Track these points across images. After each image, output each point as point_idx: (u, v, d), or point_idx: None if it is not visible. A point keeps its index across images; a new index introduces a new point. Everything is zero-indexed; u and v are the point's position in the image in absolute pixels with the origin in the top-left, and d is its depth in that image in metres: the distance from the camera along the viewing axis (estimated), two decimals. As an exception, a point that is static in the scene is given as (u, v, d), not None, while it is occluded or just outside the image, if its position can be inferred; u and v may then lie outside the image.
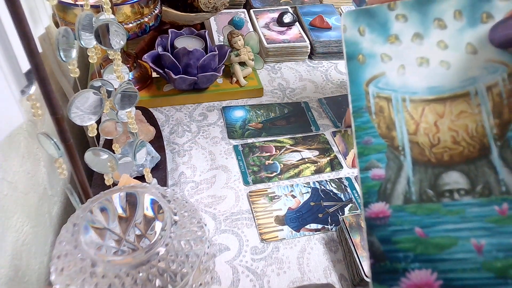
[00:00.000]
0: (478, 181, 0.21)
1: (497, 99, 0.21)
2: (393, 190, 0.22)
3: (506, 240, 0.20)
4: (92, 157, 0.44)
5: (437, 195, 0.21)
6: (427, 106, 0.22)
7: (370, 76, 0.24)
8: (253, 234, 0.57)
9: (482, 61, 0.22)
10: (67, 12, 0.66)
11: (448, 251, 0.20)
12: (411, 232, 0.21)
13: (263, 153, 0.69)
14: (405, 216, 0.21)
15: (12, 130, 0.47)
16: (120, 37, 0.42)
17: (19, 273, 0.46)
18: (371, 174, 0.22)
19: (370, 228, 0.22)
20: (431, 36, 0.23)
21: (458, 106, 0.22)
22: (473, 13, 0.22)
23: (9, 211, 0.45)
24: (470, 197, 0.21)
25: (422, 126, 0.22)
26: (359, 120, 0.23)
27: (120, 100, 0.44)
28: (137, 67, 0.77)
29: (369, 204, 0.22)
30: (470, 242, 0.20)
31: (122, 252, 0.36)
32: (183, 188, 0.63)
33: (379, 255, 0.21)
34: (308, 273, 0.53)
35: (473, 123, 0.21)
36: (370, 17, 0.24)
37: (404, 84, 0.23)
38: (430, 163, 0.22)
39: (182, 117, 0.75)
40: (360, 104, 0.23)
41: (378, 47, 0.24)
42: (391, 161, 0.22)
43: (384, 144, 0.23)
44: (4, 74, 0.37)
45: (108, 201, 0.36)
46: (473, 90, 0.22)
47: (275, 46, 0.88)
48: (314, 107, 0.79)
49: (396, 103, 0.23)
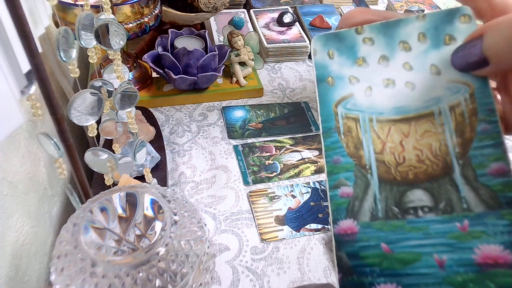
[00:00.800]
0: (441, 199, 0.21)
1: (459, 119, 0.22)
2: (360, 207, 0.22)
3: (467, 255, 0.20)
4: (92, 157, 0.44)
5: (402, 212, 0.22)
6: (393, 126, 0.23)
7: (339, 98, 0.24)
8: (253, 234, 0.57)
9: (445, 82, 0.22)
10: (67, 12, 0.66)
11: (412, 266, 0.21)
12: (378, 248, 0.22)
13: (263, 153, 0.69)
14: (372, 232, 0.22)
15: (12, 130, 0.47)
16: (120, 37, 0.42)
17: (19, 273, 0.46)
18: (339, 192, 0.23)
19: (339, 244, 0.22)
20: (396, 58, 0.23)
21: (423, 126, 0.22)
22: (437, 35, 0.23)
23: (9, 211, 0.45)
24: (433, 214, 0.21)
25: (388, 146, 0.23)
26: (328, 140, 0.24)
27: (120, 100, 0.44)
28: (137, 67, 0.77)
29: (338, 221, 0.23)
30: (433, 257, 0.21)
31: (122, 252, 0.36)
32: (183, 188, 0.63)
33: (347, 269, 0.22)
34: (308, 273, 0.53)
35: (437, 142, 0.22)
36: (338, 41, 0.25)
37: (371, 104, 0.23)
38: (396, 181, 0.22)
39: (182, 117, 0.75)
40: (330, 124, 0.24)
41: (346, 70, 0.24)
42: (359, 179, 0.23)
43: (352, 163, 0.23)
44: (4, 74, 0.37)
45: (108, 201, 0.36)
46: (436, 110, 0.22)
47: (275, 46, 0.88)
48: (314, 107, 0.79)
49: (364, 123, 0.23)
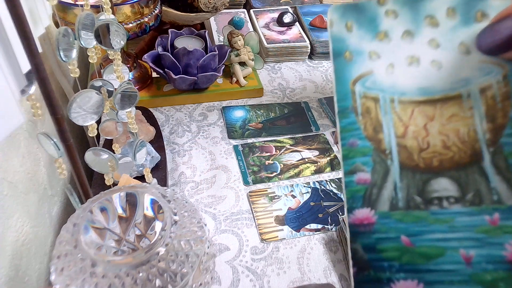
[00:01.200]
0: (469, 189, 0.20)
1: (491, 102, 0.20)
2: (379, 196, 0.21)
3: (497, 252, 0.19)
4: (92, 157, 0.44)
5: (425, 202, 0.20)
6: (416, 108, 0.21)
7: (357, 75, 0.23)
8: (253, 234, 0.57)
9: (475, 62, 0.21)
10: (67, 12, 0.66)
11: (435, 262, 0.19)
12: (397, 241, 0.20)
13: (263, 153, 0.69)
14: (391, 223, 0.20)
15: (12, 130, 0.47)
16: (120, 37, 0.42)
17: (19, 273, 0.46)
18: (356, 178, 0.21)
19: (354, 235, 0.21)
20: (422, 34, 0.22)
21: (449, 109, 0.21)
22: (467, 11, 0.21)
23: (9, 211, 0.45)
24: (460, 205, 0.20)
25: (411, 129, 0.21)
26: (344, 120, 0.22)
27: (120, 100, 0.44)
28: (137, 67, 0.77)
29: (354, 209, 0.21)
30: (459, 252, 0.19)
31: (122, 252, 0.36)
32: (183, 188, 0.63)
33: (363, 263, 0.20)
34: (308, 273, 0.53)
35: (465, 127, 0.20)
36: (358, 13, 0.23)
37: (392, 84, 0.22)
38: (419, 168, 0.21)
39: (182, 117, 0.75)
40: (346, 104, 0.22)
41: (366, 44, 0.23)
42: (377, 165, 0.21)
43: (370, 147, 0.22)
44: (4, 74, 0.37)
45: (108, 201, 0.36)
46: (465, 92, 0.21)
47: (275, 46, 0.88)
48: (314, 107, 0.79)
49: (384, 103, 0.22)
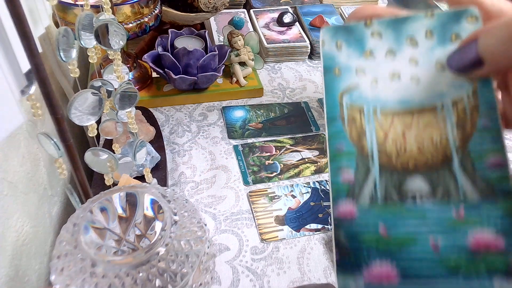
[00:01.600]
0: (439, 187, 0.22)
1: (461, 114, 0.23)
2: (360, 192, 0.24)
3: (460, 240, 0.22)
4: (92, 157, 0.44)
5: (401, 198, 0.23)
6: (396, 117, 0.24)
7: (345, 88, 0.25)
8: (253, 234, 0.57)
9: (449, 78, 0.23)
10: (67, 12, 0.66)
11: (408, 249, 0.22)
12: (375, 231, 0.23)
13: (263, 153, 0.69)
14: (370, 216, 0.23)
15: (12, 130, 0.47)
16: (120, 37, 0.42)
17: (19, 273, 0.46)
18: (341, 178, 0.24)
19: (338, 226, 0.23)
20: (403, 52, 0.24)
21: (425, 119, 0.23)
22: (443, 33, 0.24)
23: (9, 211, 0.45)
24: (431, 201, 0.22)
25: (391, 136, 0.24)
26: (332, 128, 0.25)
27: (120, 100, 0.44)
28: (137, 67, 0.77)
29: (338, 204, 0.24)
30: (428, 241, 0.22)
31: (122, 252, 0.36)
32: (183, 188, 0.63)
33: (345, 250, 0.23)
34: (308, 273, 0.53)
35: (438, 135, 0.23)
36: (347, 33, 0.26)
37: (376, 96, 0.24)
38: (396, 169, 0.23)
39: (182, 117, 0.75)
40: (335, 113, 0.25)
41: (353, 61, 0.25)
42: (360, 167, 0.24)
43: (354, 151, 0.24)
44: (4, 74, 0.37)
45: (108, 201, 0.36)
46: (440, 105, 0.23)
47: (275, 46, 0.88)
48: (314, 107, 0.79)
49: (368, 113, 0.24)
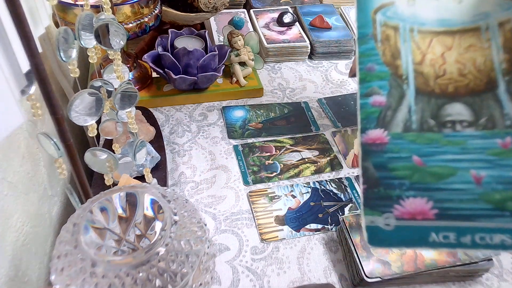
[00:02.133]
0: (482, 114, 0.21)
1: (508, 35, 0.21)
2: (393, 118, 0.22)
3: (507, 173, 0.20)
4: (92, 157, 0.44)
5: (438, 125, 0.21)
6: (435, 37, 0.22)
7: (379, 5, 0.23)
8: (253, 234, 0.57)
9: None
10: (67, 12, 0.66)
11: (446, 181, 0.20)
12: (409, 160, 0.21)
13: (263, 153, 0.69)
14: (404, 144, 0.21)
15: (12, 130, 0.47)
16: (120, 37, 0.42)
17: (19, 273, 0.46)
18: (371, 101, 0.22)
19: (366, 154, 0.21)
20: None
21: (468, 40, 0.22)
22: None
23: (9, 211, 0.45)
24: (472, 129, 0.21)
25: (429, 57, 0.22)
26: (363, 46, 0.23)
27: (120, 100, 0.44)
28: (137, 67, 0.77)
29: (367, 130, 0.22)
30: (470, 173, 0.20)
31: (122, 252, 0.36)
32: (183, 188, 0.63)
33: (373, 181, 0.21)
34: (308, 273, 0.53)
35: (482, 57, 0.21)
36: None
37: (413, 14, 0.23)
38: (434, 93, 0.21)
39: (182, 117, 0.75)
40: (366, 31, 0.23)
41: None
42: (393, 89, 0.22)
43: (387, 72, 0.22)
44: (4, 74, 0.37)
45: (108, 201, 0.36)
46: (484, 25, 0.21)
47: (275, 46, 0.88)
48: (314, 107, 0.79)
49: (404, 32, 0.23)
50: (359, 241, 0.51)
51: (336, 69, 0.90)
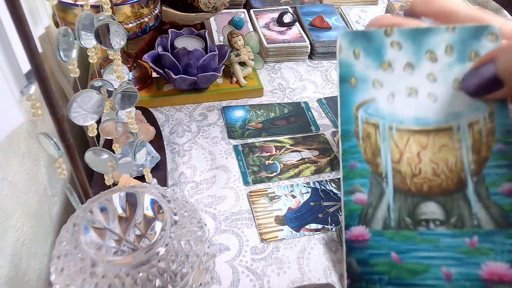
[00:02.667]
0: (453, 213, 0.22)
1: (477, 136, 0.22)
2: (373, 215, 0.22)
3: (473, 270, 0.21)
4: (92, 157, 0.44)
5: (414, 223, 0.22)
6: (412, 136, 0.23)
7: (361, 101, 0.24)
8: (253, 234, 0.57)
9: (466, 98, 0.22)
10: (67, 12, 0.66)
11: (420, 277, 0.21)
12: (388, 257, 0.22)
13: (263, 153, 0.69)
14: (383, 241, 0.22)
15: (12, 130, 0.47)
16: (120, 37, 0.42)
17: (19, 273, 0.46)
18: (354, 198, 0.23)
19: (350, 250, 0.22)
20: (422, 67, 0.23)
21: (441, 140, 0.22)
22: (463, 50, 0.23)
23: (9, 211, 0.45)
24: (444, 227, 0.22)
25: (406, 156, 0.23)
26: (346, 143, 0.24)
27: (120, 100, 0.44)
28: (137, 67, 0.77)
29: (350, 226, 0.22)
30: (441, 270, 0.21)
31: (122, 252, 0.36)
32: (183, 188, 0.63)
33: (356, 276, 0.22)
34: (308, 273, 0.53)
35: (453, 157, 0.22)
36: (366, 41, 0.24)
37: (392, 112, 0.23)
38: (410, 192, 0.22)
39: (182, 117, 0.75)
40: (349, 128, 0.24)
41: (371, 72, 0.24)
42: (374, 187, 0.23)
43: (368, 170, 0.23)
44: (4, 74, 0.37)
45: (108, 201, 0.36)
46: (456, 125, 0.22)
47: (275, 46, 0.88)
48: (314, 107, 0.79)
49: (383, 130, 0.23)
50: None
51: (336, 69, 0.89)
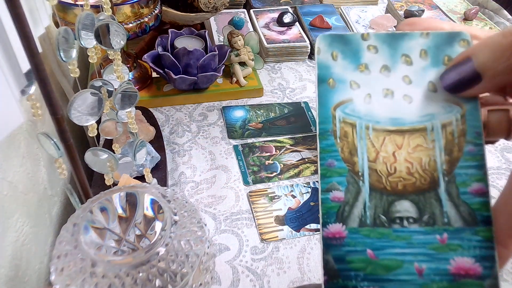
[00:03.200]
0: (425, 211, 0.22)
1: (449, 137, 0.23)
2: (350, 213, 0.23)
3: (443, 265, 0.22)
4: (92, 157, 0.44)
5: (389, 221, 0.23)
6: (387, 136, 0.24)
7: (338, 101, 0.25)
8: (253, 234, 0.57)
9: (440, 100, 0.23)
10: (67, 12, 0.66)
11: (394, 273, 0.22)
12: (363, 254, 0.22)
13: (263, 153, 0.69)
14: (359, 238, 0.23)
15: (12, 130, 0.47)
16: (120, 37, 0.42)
17: (19, 273, 0.46)
18: (331, 196, 0.23)
19: (327, 247, 0.23)
20: (397, 70, 0.24)
21: (415, 140, 0.23)
22: (437, 54, 0.24)
23: (9, 211, 0.45)
24: (417, 225, 0.22)
25: (382, 155, 0.23)
26: (324, 142, 0.24)
27: (120, 100, 0.44)
28: (137, 67, 0.77)
29: (328, 224, 0.23)
30: (413, 265, 0.22)
31: (122, 252, 0.36)
32: (183, 188, 0.63)
33: (333, 272, 0.23)
34: (308, 273, 0.53)
35: (427, 157, 0.23)
36: (343, 44, 0.25)
37: (369, 112, 0.24)
38: (386, 190, 0.23)
39: (182, 117, 0.75)
40: (327, 127, 0.24)
41: (348, 74, 0.25)
42: (351, 185, 0.23)
43: (345, 168, 0.24)
44: (4, 74, 0.37)
45: (108, 201, 0.36)
46: (430, 126, 0.23)
47: (275, 46, 0.88)
48: (314, 107, 0.79)
49: (360, 130, 0.24)
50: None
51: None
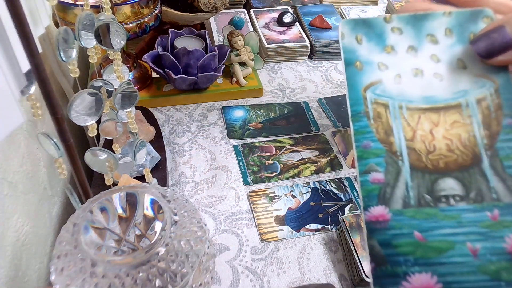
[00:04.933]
0: (472, 188, 0.22)
1: (486, 112, 0.23)
2: (392, 195, 0.22)
3: (498, 244, 0.20)
4: (92, 157, 0.44)
5: (434, 200, 0.22)
6: (422, 114, 0.23)
7: (368, 83, 0.24)
8: (253, 234, 0.57)
9: (471, 76, 0.23)
10: (67, 12, 0.66)
11: (446, 255, 0.21)
12: (411, 236, 0.21)
13: (263, 153, 0.69)
14: (405, 220, 0.22)
15: (12, 130, 0.47)
16: (120, 37, 0.42)
17: (19, 273, 0.46)
18: (370, 178, 0.23)
19: (371, 232, 0.22)
20: (424, 49, 0.24)
21: (451, 116, 0.23)
22: (462, 32, 0.24)
23: (9, 211, 0.45)
24: (464, 203, 0.21)
25: (419, 133, 0.23)
26: (357, 124, 0.24)
27: (120, 100, 0.44)
28: (137, 67, 0.77)
29: (369, 207, 0.22)
30: (466, 246, 0.21)
31: (122, 252, 0.36)
32: (183, 188, 0.63)
33: (380, 259, 0.21)
34: (308, 273, 0.53)
35: (466, 133, 0.23)
36: (367, 27, 0.25)
37: (400, 92, 0.24)
38: (427, 169, 0.22)
39: (182, 117, 0.75)
40: (359, 108, 0.24)
41: (374, 56, 0.25)
42: (390, 166, 0.23)
43: (382, 149, 0.23)
44: (4, 74, 0.37)
45: (108, 201, 0.36)
46: (464, 102, 0.23)
47: (275, 46, 0.88)
48: (314, 107, 0.79)
49: (394, 110, 0.24)
50: (359, 241, 0.51)
51: (336, 69, 0.90)
